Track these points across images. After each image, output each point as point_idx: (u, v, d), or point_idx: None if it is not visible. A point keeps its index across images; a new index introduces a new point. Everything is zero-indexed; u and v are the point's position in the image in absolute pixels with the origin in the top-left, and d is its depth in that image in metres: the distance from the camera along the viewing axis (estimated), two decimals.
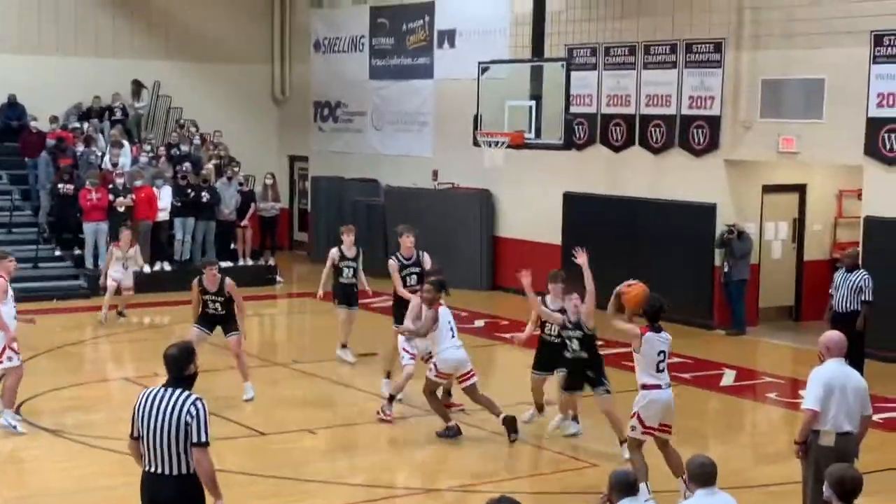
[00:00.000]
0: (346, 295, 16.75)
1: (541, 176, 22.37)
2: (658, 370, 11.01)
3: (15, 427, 13.19)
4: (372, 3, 27.04)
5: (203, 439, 7.56)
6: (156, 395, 7.68)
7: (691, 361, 17.31)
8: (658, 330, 11.03)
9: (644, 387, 11.00)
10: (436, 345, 13.14)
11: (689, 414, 14.86)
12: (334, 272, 16.66)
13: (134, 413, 7.79)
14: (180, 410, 7.55)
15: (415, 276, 14.98)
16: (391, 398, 13.91)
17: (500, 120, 18.66)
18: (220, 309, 14.75)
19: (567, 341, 12.68)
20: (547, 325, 13.28)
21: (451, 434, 13.23)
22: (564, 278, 13.22)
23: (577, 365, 12.68)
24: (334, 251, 16.66)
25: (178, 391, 7.64)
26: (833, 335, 9.63)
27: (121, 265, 19.89)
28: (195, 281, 14.87)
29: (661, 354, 11.04)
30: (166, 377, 7.82)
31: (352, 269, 16.66)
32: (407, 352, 13.96)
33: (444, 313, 13.16)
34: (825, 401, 9.27)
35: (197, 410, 7.55)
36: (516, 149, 18.99)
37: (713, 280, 19.98)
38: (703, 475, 7.62)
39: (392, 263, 15.20)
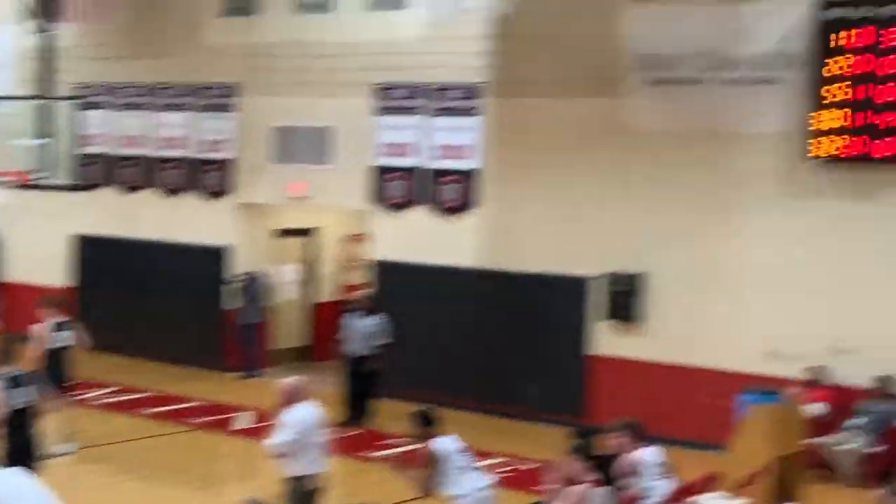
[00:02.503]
0: None
1: (49, 217, 21.56)
2: (473, 469, 9.80)
3: None
4: None
5: None
6: None
7: (206, 405, 17.30)
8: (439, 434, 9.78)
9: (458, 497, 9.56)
10: None
11: (202, 458, 14.88)
12: None
13: None
14: None
15: None
16: None
17: (5, 159, 17.88)
18: None
19: None
20: None
21: None
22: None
23: None
24: None
25: None
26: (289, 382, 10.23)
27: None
28: None
29: (462, 455, 9.76)
30: None
31: None
32: None
33: None
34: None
35: None
36: (23, 189, 18.26)
37: (222, 323, 20.05)
38: None
39: None
